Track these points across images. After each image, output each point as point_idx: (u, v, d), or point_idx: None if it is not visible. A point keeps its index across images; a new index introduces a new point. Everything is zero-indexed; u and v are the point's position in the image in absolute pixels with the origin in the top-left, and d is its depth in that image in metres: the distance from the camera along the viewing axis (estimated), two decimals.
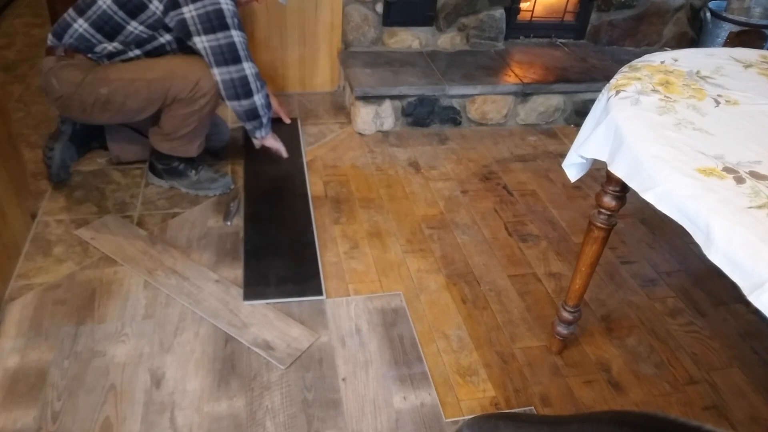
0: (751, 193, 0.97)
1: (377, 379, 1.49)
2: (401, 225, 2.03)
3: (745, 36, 2.85)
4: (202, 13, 1.71)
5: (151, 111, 1.87)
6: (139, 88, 1.81)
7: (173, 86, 1.80)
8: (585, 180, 1.94)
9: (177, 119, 1.88)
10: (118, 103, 1.83)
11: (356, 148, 2.45)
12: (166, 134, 1.93)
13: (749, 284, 0.88)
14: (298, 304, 1.67)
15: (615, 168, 1.16)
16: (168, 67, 1.82)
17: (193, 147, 1.99)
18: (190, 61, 1.82)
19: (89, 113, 1.86)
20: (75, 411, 1.35)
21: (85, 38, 1.80)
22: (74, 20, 1.79)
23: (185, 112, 1.86)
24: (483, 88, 2.57)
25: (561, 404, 1.48)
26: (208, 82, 1.80)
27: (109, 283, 1.69)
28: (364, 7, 2.65)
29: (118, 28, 1.79)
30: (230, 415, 1.37)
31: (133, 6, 1.76)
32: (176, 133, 1.92)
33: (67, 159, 2.01)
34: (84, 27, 1.78)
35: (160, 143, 1.97)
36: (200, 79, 1.80)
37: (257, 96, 1.84)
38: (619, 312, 1.76)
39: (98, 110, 1.84)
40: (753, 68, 1.40)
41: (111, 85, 1.80)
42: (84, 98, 1.81)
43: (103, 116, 1.88)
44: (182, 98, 1.82)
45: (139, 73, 1.82)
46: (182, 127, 1.90)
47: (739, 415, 1.49)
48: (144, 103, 1.84)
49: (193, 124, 1.90)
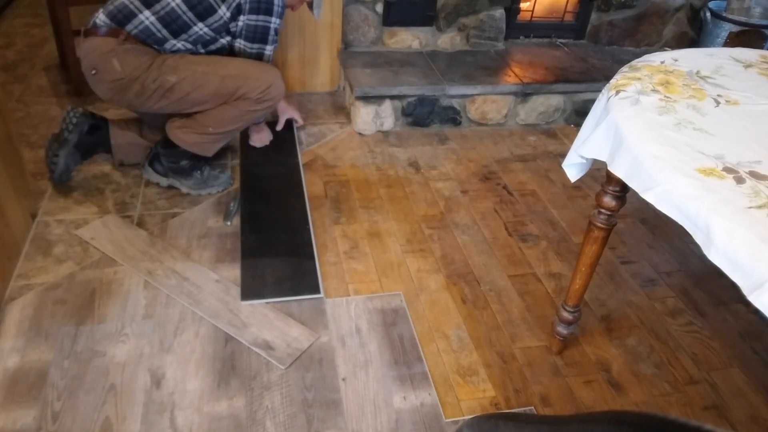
0: (751, 193, 0.97)
1: (377, 379, 1.49)
2: (401, 225, 2.03)
3: (745, 36, 2.85)
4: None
5: (208, 105, 1.90)
6: (210, 81, 1.85)
7: (245, 85, 1.87)
8: (585, 180, 1.94)
9: (230, 115, 1.92)
10: (183, 93, 1.85)
11: (356, 148, 2.45)
12: (201, 127, 1.94)
13: (749, 284, 0.88)
14: (298, 304, 1.67)
15: (615, 168, 1.16)
16: (243, 66, 1.90)
17: (216, 147, 2.03)
18: (264, 66, 1.93)
19: (145, 99, 1.86)
20: (75, 411, 1.35)
21: (151, 32, 1.82)
22: (140, 11, 1.80)
23: (246, 109, 1.91)
24: (483, 88, 2.57)
25: (561, 404, 1.48)
26: (278, 88, 1.93)
27: (109, 283, 1.69)
28: (364, 7, 2.65)
29: (185, 27, 1.84)
30: (230, 415, 1.37)
31: (203, 9, 1.83)
32: (216, 129, 1.95)
33: (72, 165, 2.00)
34: (151, 20, 1.81)
35: (185, 136, 1.96)
36: (272, 84, 1.90)
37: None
38: (619, 312, 1.76)
39: (156, 97, 1.85)
40: (753, 68, 1.40)
41: (181, 74, 1.83)
42: (147, 83, 1.82)
43: (157, 104, 1.88)
44: (250, 98, 1.89)
45: (212, 67, 1.86)
46: (228, 124, 1.95)
47: (739, 415, 1.49)
48: (208, 97, 1.87)
49: (238, 124, 1.97)
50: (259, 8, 1.89)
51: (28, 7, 3.51)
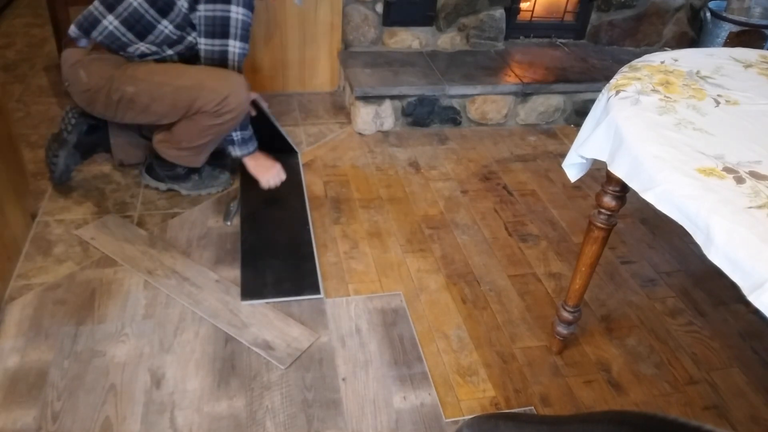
0: (751, 193, 0.97)
1: (377, 379, 1.49)
2: (401, 225, 2.03)
3: (745, 36, 2.85)
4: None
5: (174, 117, 1.82)
6: (165, 92, 1.78)
7: (200, 97, 1.75)
8: (585, 180, 1.94)
9: (194, 130, 1.83)
10: (143, 105, 1.80)
11: (356, 148, 2.45)
12: (175, 142, 1.89)
13: (749, 284, 0.88)
14: (298, 304, 1.68)
15: (615, 168, 1.16)
16: (198, 77, 1.78)
17: (201, 158, 1.95)
18: (222, 75, 1.79)
19: (114, 110, 1.83)
20: (75, 411, 1.35)
21: (116, 36, 1.77)
22: (103, 16, 1.76)
23: (207, 124, 1.81)
24: (483, 88, 2.57)
25: (561, 404, 1.48)
26: (237, 98, 1.77)
27: (109, 283, 1.69)
28: (364, 7, 2.65)
29: (149, 27, 1.78)
30: (230, 415, 1.37)
31: (163, 3, 1.75)
32: (188, 143, 1.87)
33: (71, 165, 2.00)
34: (114, 24, 1.76)
35: (166, 150, 1.92)
36: (229, 94, 1.75)
37: None
38: (619, 312, 1.76)
39: (123, 108, 1.82)
40: (753, 68, 1.40)
41: (138, 85, 1.78)
42: (111, 94, 1.79)
43: (126, 115, 1.84)
44: (207, 111, 1.77)
45: (168, 77, 1.79)
46: (197, 139, 1.86)
47: (739, 415, 1.49)
48: (168, 109, 1.80)
49: (208, 137, 1.86)
50: None
51: (28, 7, 3.51)
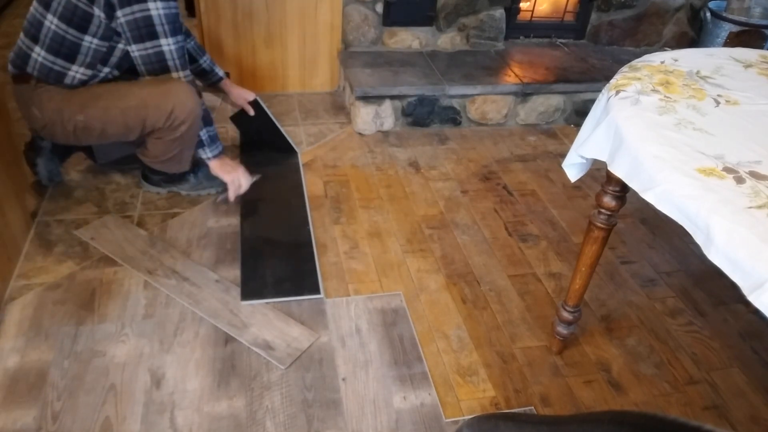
0: (751, 193, 0.97)
1: (377, 379, 1.49)
2: (401, 225, 2.03)
3: (745, 36, 2.85)
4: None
5: (135, 135, 1.82)
6: (114, 116, 1.76)
7: (148, 116, 1.75)
8: (585, 180, 1.95)
9: (161, 146, 1.85)
10: (98, 130, 1.78)
11: (356, 148, 2.45)
12: (153, 156, 1.91)
13: (749, 284, 0.88)
14: (298, 304, 1.68)
15: (615, 168, 1.16)
16: (141, 95, 1.74)
17: (185, 163, 1.96)
18: (163, 89, 1.74)
19: (75, 138, 1.82)
20: (75, 411, 1.35)
21: (47, 67, 1.71)
22: (30, 49, 1.71)
23: (167, 139, 1.82)
24: (483, 88, 2.57)
25: (561, 404, 1.48)
26: (184, 108, 1.74)
27: (109, 283, 1.69)
28: (364, 7, 2.65)
29: (74, 47, 1.69)
30: (230, 415, 1.37)
31: (79, 18, 1.66)
32: (163, 156, 1.89)
33: (53, 168, 1.98)
34: (42, 55, 1.70)
35: (150, 162, 1.95)
36: (174, 107, 1.72)
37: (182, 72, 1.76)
38: (619, 312, 1.76)
39: (82, 135, 1.80)
40: (753, 68, 1.40)
41: (87, 112, 1.75)
42: (65, 126, 1.76)
43: (89, 140, 1.85)
44: (160, 127, 1.77)
45: (112, 100, 1.75)
46: (168, 152, 1.87)
47: (739, 415, 1.49)
48: (123, 130, 1.79)
49: (176, 149, 1.86)
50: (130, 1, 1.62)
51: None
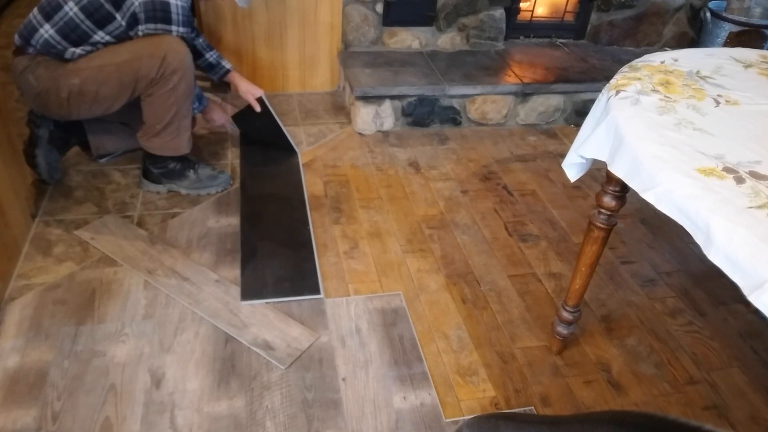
0: (751, 193, 0.97)
1: (377, 379, 1.49)
2: (401, 225, 2.03)
3: (745, 36, 2.85)
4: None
5: (125, 97, 1.85)
6: (109, 73, 1.80)
7: (141, 66, 1.79)
8: (585, 180, 1.95)
9: (157, 107, 1.87)
10: (92, 92, 1.82)
11: (356, 148, 2.45)
12: (151, 128, 1.92)
13: (749, 284, 0.88)
14: (298, 304, 1.68)
15: (615, 168, 1.16)
16: (133, 49, 1.81)
17: (183, 142, 1.98)
18: (155, 39, 1.81)
19: (67, 108, 1.84)
20: (75, 411, 1.35)
21: (51, 44, 1.77)
22: (40, 24, 1.77)
23: (160, 93, 1.85)
24: (483, 88, 2.57)
25: (561, 404, 1.48)
26: (176, 56, 1.80)
27: (109, 283, 1.69)
28: (364, 7, 2.65)
29: (84, 36, 1.78)
30: (230, 415, 1.37)
31: (101, 16, 1.75)
32: (160, 124, 1.91)
33: (52, 161, 1.99)
34: (50, 33, 1.76)
35: (149, 141, 1.96)
36: (166, 53, 1.79)
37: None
38: (619, 312, 1.76)
39: (74, 103, 1.83)
40: (753, 68, 1.40)
41: (81, 74, 1.79)
42: (59, 92, 1.80)
43: (80, 109, 1.86)
44: (153, 78, 1.81)
45: (106, 59, 1.80)
46: (163, 114, 1.89)
47: (739, 415, 1.49)
48: (117, 89, 1.83)
49: (173, 108, 1.89)
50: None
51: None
